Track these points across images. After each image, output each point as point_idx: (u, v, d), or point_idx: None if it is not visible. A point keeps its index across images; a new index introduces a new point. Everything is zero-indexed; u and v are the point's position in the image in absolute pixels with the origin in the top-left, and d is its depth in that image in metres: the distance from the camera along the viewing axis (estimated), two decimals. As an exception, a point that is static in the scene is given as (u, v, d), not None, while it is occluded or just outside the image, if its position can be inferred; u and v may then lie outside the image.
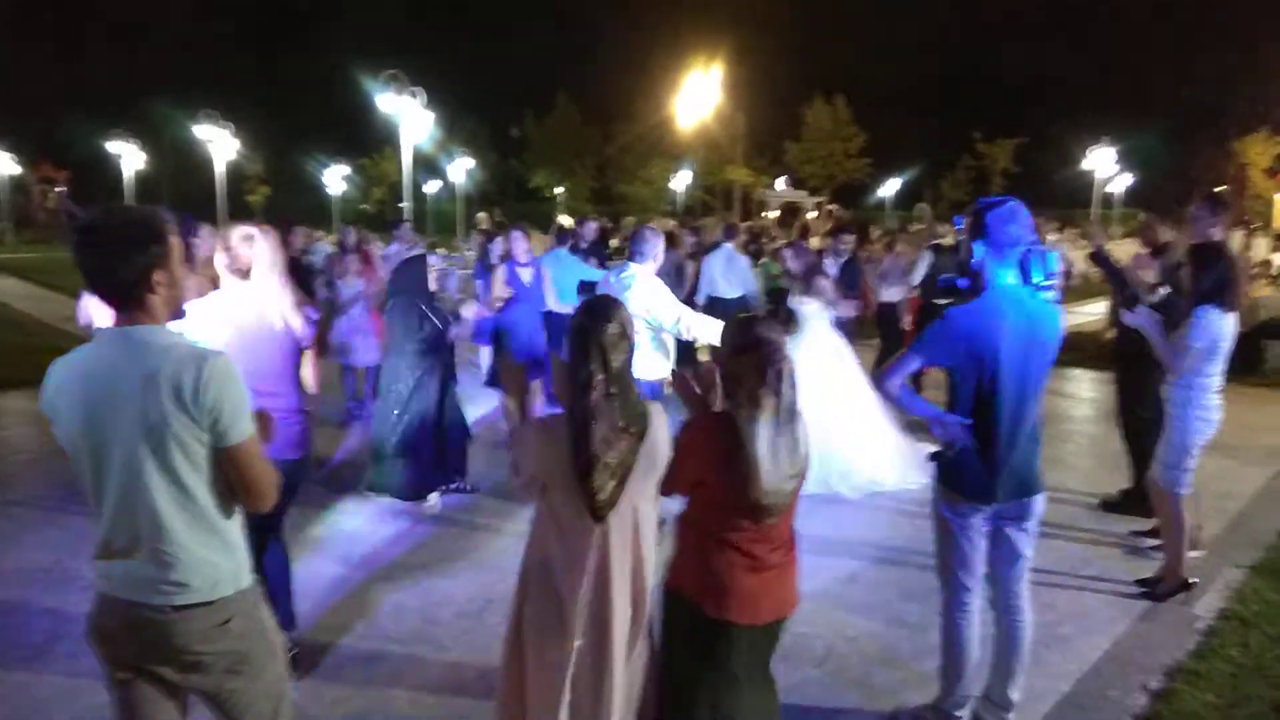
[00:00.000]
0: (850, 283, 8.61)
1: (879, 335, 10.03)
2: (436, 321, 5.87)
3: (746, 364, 2.66)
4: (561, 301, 7.44)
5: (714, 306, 8.86)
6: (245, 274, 3.72)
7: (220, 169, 32.51)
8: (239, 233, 3.75)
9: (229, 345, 3.51)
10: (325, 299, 8.89)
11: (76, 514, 5.57)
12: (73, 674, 3.82)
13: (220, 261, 3.74)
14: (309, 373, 3.98)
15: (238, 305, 3.70)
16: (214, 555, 2.27)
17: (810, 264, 7.44)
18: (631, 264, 5.44)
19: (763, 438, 2.59)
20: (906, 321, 9.43)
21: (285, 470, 3.68)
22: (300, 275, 7.77)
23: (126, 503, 2.20)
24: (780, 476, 2.61)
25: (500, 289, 7.25)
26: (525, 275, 7.30)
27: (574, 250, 9.86)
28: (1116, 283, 5.97)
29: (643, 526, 2.65)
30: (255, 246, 3.72)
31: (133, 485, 2.18)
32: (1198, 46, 55.50)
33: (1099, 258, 6.11)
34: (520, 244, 7.35)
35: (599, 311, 2.61)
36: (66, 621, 4.25)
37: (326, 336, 7.91)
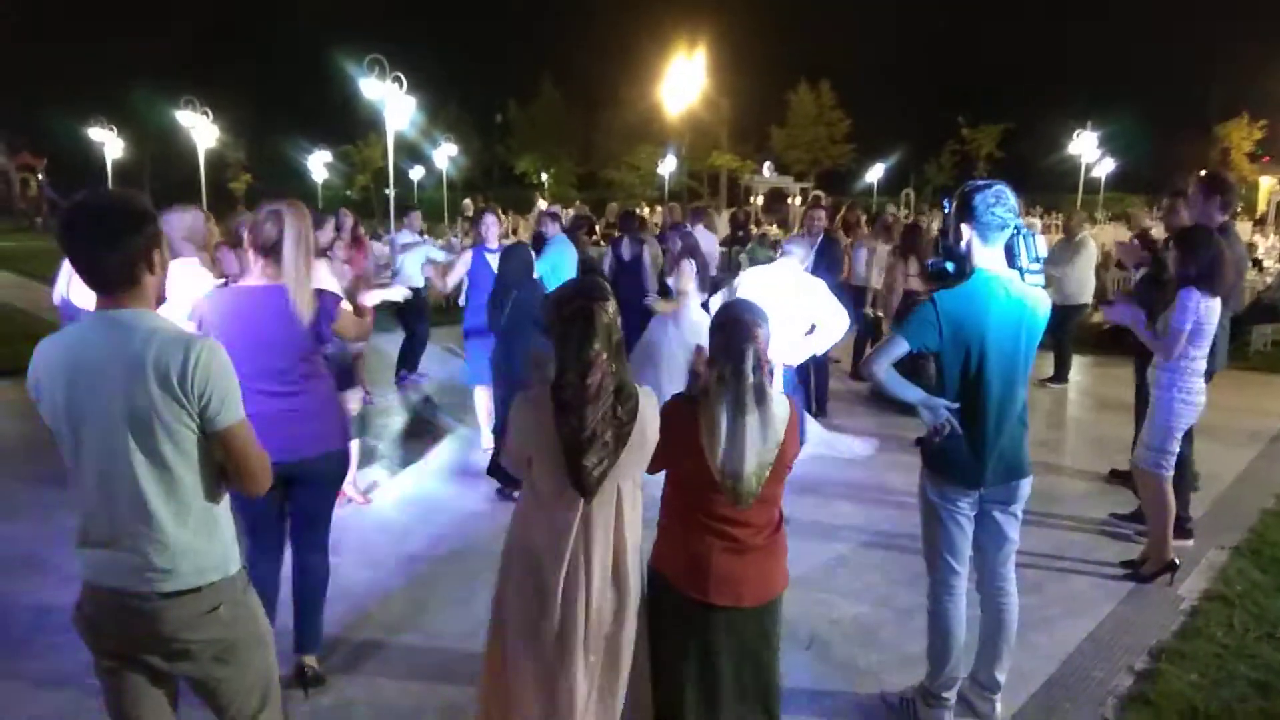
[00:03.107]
0: (829, 265, 8.55)
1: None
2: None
3: (719, 344, 2.69)
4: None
5: None
6: (269, 250, 3.41)
7: (201, 156, 32.21)
8: (267, 210, 3.46)
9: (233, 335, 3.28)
10: None
11: (57, 504, 5.52)
12: (54, 666, 3.78)
13: (246, 240, 3.46)
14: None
15: (252, 293, 3.45)
16: (200, 541, 2.25)
17: (688, 245, 7.52)
18: (783, 259, 5.93)
19: (724, 418, 2.62)
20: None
21: (334, 463, 3.64)
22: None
23: (108, 489, 2.17)
24: (743, 458, 2.63)
25: (457, 275, 7.22)
26: (495, 261, 7.22)
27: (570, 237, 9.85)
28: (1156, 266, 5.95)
29: (625, 508, 2.66)
30: (284, 223, 3.40)
31: (115, 471, 2.16)
32: (1178, 30, 55.78)
33: (1145, 240, 6.09)
34: (492, 229, 7.24)
35: (598, 293, 2.61)
36: (47, 613, 4.21)
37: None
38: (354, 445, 8.54)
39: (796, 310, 5.55)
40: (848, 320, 5.80)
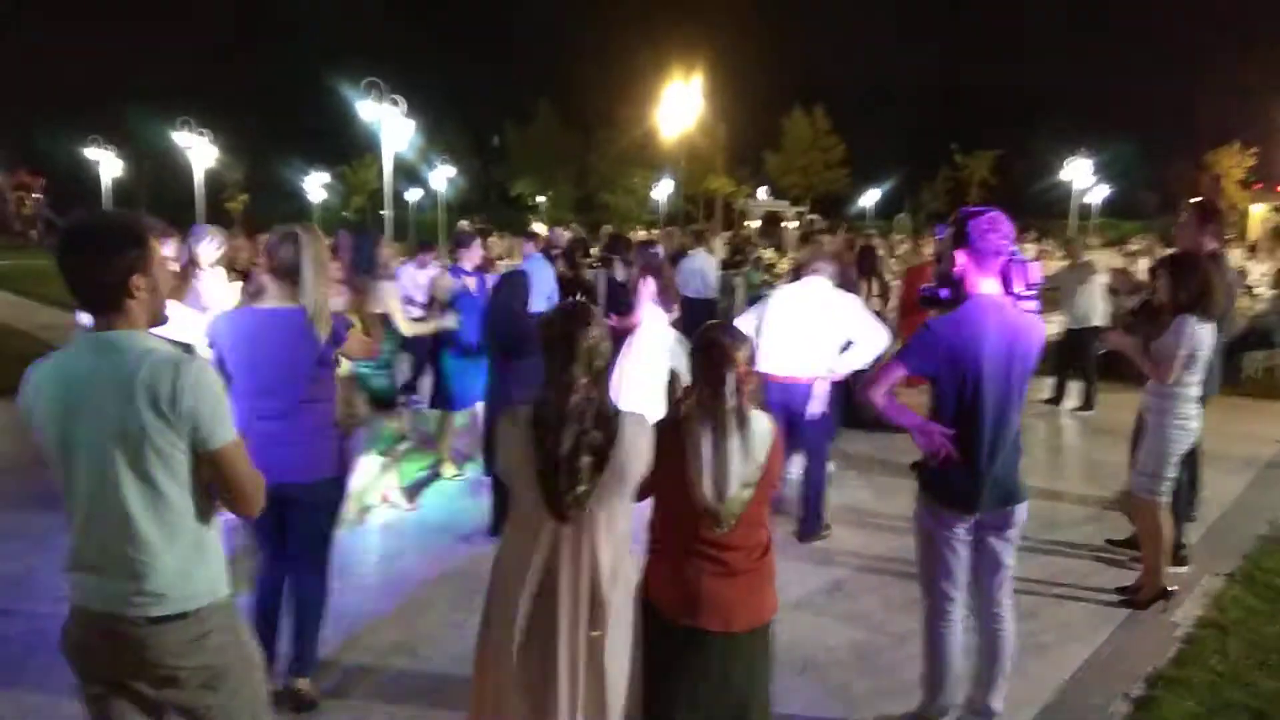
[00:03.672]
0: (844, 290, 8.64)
1: None
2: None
3: (699, 368, 2.72)
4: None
5: (687, 307, 9.08)
6: (287, 273, 3.47)
7: (199, 176, 32.28)
8: (280, 231, 3.52)
9: (242, 357, 3.41)
10: None
11: (50, 524, 5.47)
12: (48, 689, 3.74)
13: (262, 262, 3.54)
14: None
15: (270, 314, 3.49)
16: (189, 565, 2.23)
17: (651, 265, 7.56)
18: (812, 278, 5.81)
19: (705, 442, 2.62)
20: None
21: (328, 490, 3.64)
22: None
23: (98, 511, 2.16)
24: (726, 482, 2.63)
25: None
26: (472, 284, 7.21)
27: (546, 257, 9.91)
28: None
29: (600, 533, 2.62)
30: (301, 246, 3.45)
31: (106, 493, 2.15)
32: (1170, 58, 56.35)
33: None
34: (474, 254, 7.21)
35: (582, 317, 2.62)
36: (41, 634, 4.16)
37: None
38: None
39: (828, 327, 5.54)
40: (886, 335, 5.70)
